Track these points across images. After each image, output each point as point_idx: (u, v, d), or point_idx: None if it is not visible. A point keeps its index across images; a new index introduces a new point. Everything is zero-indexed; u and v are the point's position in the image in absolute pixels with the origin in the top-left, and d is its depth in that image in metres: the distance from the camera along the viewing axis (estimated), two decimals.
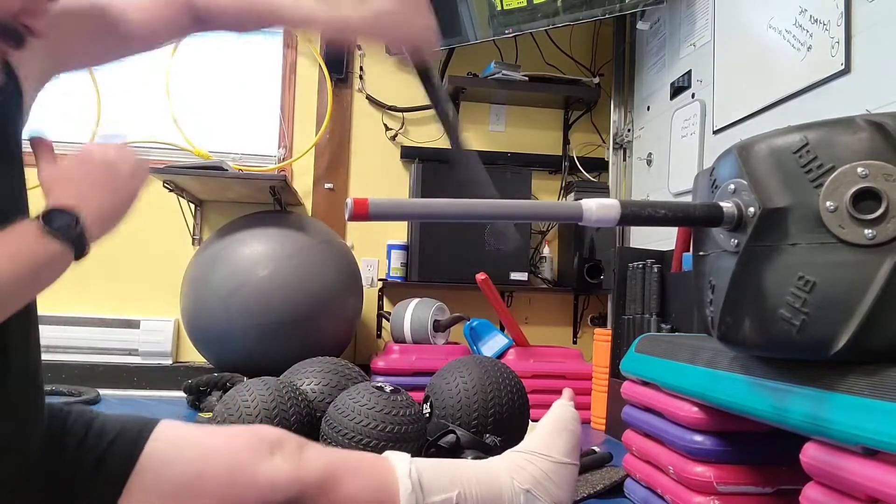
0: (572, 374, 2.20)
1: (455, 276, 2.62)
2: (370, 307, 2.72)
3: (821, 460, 0.74)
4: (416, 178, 2.69)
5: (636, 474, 1.24)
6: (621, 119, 2.89)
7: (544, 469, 0.96)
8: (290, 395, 1.38)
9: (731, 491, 1.00)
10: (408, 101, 2.94)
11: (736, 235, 0.77)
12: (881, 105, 1.45)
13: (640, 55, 2.81)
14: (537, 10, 2.53)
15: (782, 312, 0.73)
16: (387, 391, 1.35)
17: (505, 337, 2.34)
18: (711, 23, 2.20)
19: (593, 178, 2.99)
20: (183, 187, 2.59)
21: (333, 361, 1.60)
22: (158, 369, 2.58)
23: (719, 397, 0.95)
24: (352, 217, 0.65)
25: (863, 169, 0.69)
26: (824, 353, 0.71)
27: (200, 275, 2.31)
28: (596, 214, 0.71)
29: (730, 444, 1.01)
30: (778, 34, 1.82)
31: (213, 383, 2.07)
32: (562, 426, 1.03)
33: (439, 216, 0.70)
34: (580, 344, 2.94)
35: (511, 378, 1.55)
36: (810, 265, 0.71)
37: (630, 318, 1.95)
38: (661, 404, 1.13)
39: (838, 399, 0.72)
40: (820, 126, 0.73)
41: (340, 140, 2.89)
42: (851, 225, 0.69)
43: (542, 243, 2.95)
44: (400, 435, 1.29)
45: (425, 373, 2.02)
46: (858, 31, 1.54)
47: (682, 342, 1.16)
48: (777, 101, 1.81)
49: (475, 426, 1.45)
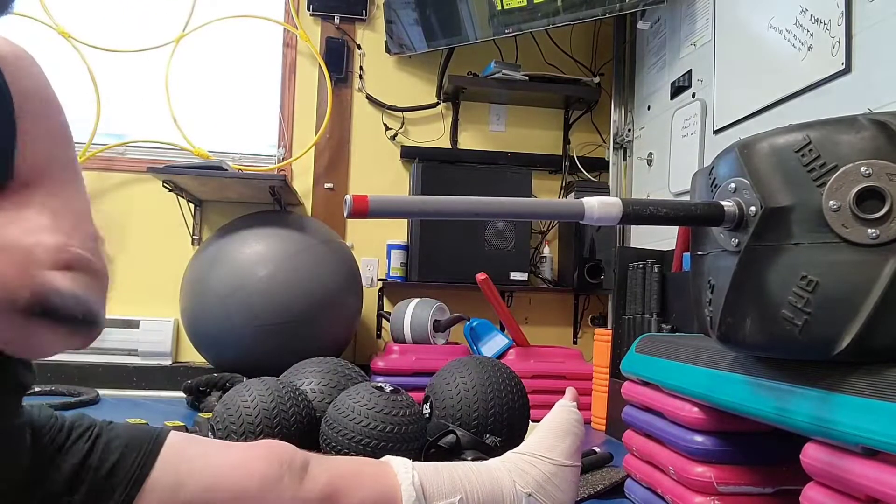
0: (572, 374, 2.20)
1: (455, 276, 2.62)
2: (370, 307, 2.72)
3: (821, 460, 0.74)
4: (416, 177, 2.69)
5: (636, 474, 1.24)
6: (622, 119, 2.88)
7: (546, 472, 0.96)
8: (289, 395, 1.38)
9: (732, 491, 1.00)
10: (408, 101, 2.93)
11: (737, 235, 0.76)
12: (882, 105, 1.45)
13: (641, 55, 2.81)
14: (537, 9, 2.53)
15: (784, 312, 0.72)
16: (387, 391, 1.35)
17: (505, 337, 2.34)
18: (712, 22, 2.20)
19: (594, 177, 2.99)
20: (183, 187, 2.58)
21: (333, 361, 1.60)
22: (158, 369, 2.58)
23: (720, 398, 0.95)
24: (351, 214, 0.64)
25: (866, 168, 0.68)
26: (827, 353, 0.71)
27: (200, 275, 2.31)
28: (597, 213, 0.71)
29: (730, 445, 1.01)
30: (778, 34, 1.81)
31: (213, 383, 2.06)
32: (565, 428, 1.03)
33: (439, 214, 0.70)
34: (580, 344, 2.94)
35: (511, 378, 1.54)
36: (813, 265, 0.70)
37: (630, 318, 1.95)
38: (662, 404, 1.13)
39: (839, 399, 0.71)
40: (822, 125, 0.73)
41: (340, 140, 2.88)
42: (855, 224, 0.68)
43: (543, 243, 2.95)
44: (400, 435, 1.29)
45: (425, 373, 2.02)
46: (859, 31, 1.54)
47: (682, 342, 1.16)
48: (778, 100, 1.80)
49: (475, 426, 1.44)
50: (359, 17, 2.90)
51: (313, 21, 2.89)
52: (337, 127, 2.88)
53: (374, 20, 2.92)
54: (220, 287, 2.21)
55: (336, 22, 2.88)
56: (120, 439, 0.76)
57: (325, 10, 2.87)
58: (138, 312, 2.67)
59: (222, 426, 1.33)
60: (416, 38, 2.76)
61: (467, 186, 2.68)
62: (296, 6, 2.85)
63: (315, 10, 2.87)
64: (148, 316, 2.67)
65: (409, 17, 2.74)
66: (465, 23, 2.64)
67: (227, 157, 2.75)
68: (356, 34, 2.92)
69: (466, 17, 2.63)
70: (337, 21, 2.88)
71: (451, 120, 2.96)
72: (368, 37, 2.92)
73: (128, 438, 0.76)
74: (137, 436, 0.77)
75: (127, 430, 0.78)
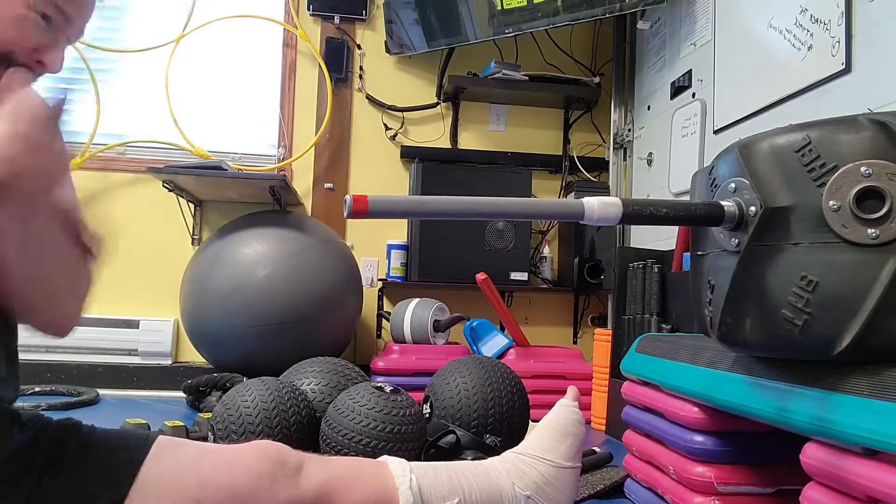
0: (572, 374, 2.20)
1: (455, 276, 2.62)
2: (370, 307, 2.72)
3: (821, 460, 0.74)
4: (416, 177, 2.69)
5: (636, 474, 1.24)
6: (621, 119, 2.88)
7: (546, 474, 0.96)
8: (289, 395, 1.37)
9: (732, 491, 1.00)
10: (408, 101, 2.93)
11: (737, 235, 0.76)
12: (882, 105, 1.44)
13: (641, 55, 2.81)
14: (537, 9, 2.53)
15: (784, 312, 0.72)
16: (387, 391, 1.35)
17: (505, 337, 2.34)
18: (712, 22, 2.20)
19: (593, 177, 2.99)
20: (182, 187, 2.58)
21: (333, 361, 1.59)
22: (158, 369, 2.58)
23: (720, 398, 0.95)
24: (351, 214, 0.64)
25: (866, 168, 0.68)
26: (827, 353, 0.71)
27: (200, 275, 2.31)
28: (598, 213, 0.71)
29: (730, 445, 1.01)
30: (778, 34, 1.81)
31: (213, 383, 2.06)
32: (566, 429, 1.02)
33: (439, 214, 0.70)
34: (580, 344, 2.94)
35: (511, 378, 1.54)
36: (813, 265, 0.70)
37: (630, 318, 1.95)
38: (662, 404, 1.13)
39: (839, 399, 0.71)
40: (822, 125, 0.73)
41: (340, 140, 2.88)
42: (855, 224, 0.68)
43: (543, 243, 2.95)
44: (400, 435, 1.29)
45: (425, 373, 2.02)
46: (859, 31, 1.54)
47: (682, 342, 1.16)
48: (778, 100, 1.80)
49: (475, 426, 1.44)
50: (359, 17, 2.90)
51: (313, 21, 2.89)
52: (337, 127, 2.88)
53: (374, 20, 2.92)
54: (220, 287, 2.21)
55: (336, 22, 2.88)
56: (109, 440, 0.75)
57: (325, 10, 2.87)
58: (138, 312, 2.67)
59: (222, 426, 1.33)
60: (416, 38, 2.76)
61: (467, 186, 2.68)
62: (296, 6, 2.85)
63: (315, 10, 2.87)
64: (148, 316, 2.67)
65: (409, 17, 2.74)
66: (465, 23, 2.64)
67: (227, 157, 2.75)
68: (356, 34, 2.92)
69: (466, 17, 2.63)
70: (337, 21, 2.88)
71: (451, 120, 2.96)
72: (368, 37, 2.92)
73: (118, 439, 0.76)
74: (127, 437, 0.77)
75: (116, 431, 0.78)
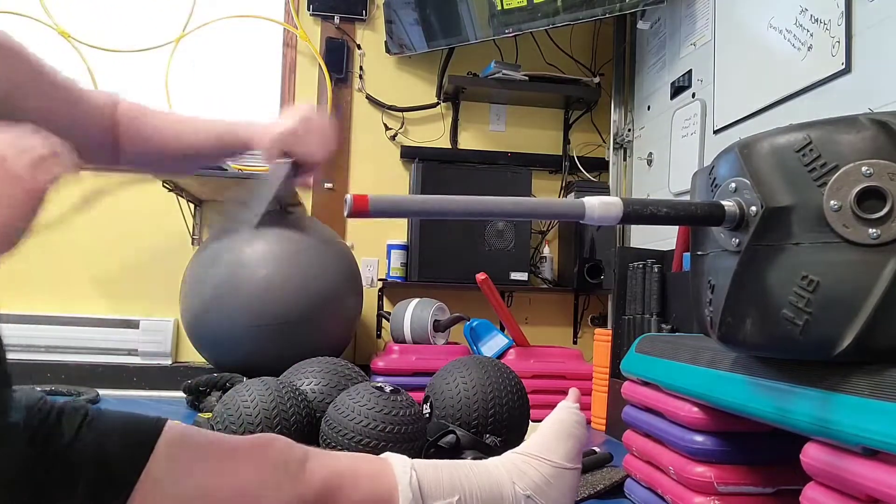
0: (572, 374, 2.20)
1: (455, 276, 2.62)
2: (370, 307, 2.72)
3: (821, 460, 0.74)
4: (416, 177, 2.69)
5: (636, 474, 1.24)
6: (621, 119, 2.88)
7: (546, 474, 0.96)
8: (289, 395, 1.37)
9: (732, 491, 1.00)
10: (408, 101, 2.93)
11: (737, 234, 0.76)
12: (882, 105, 1.45)
13: (641, 55, 2.81)
14: (537, 9, 2.53)
15: (785, 312, 0.72)
16: (387, 391, 1.35)
17: (505, 337, 2.34)
18: (712, 22, 2.20)
19: (593, 177, 2.99)
20: (182, 187, 2.58)
21: (333, 361, 1.59)
22: (158, 369, 2.58)
23: (720, 398, 0.95)
24: (351, 214, 0.64)
25: (867, 168, 0.68)
26: (828, 353, 0.71)
27: (200, 275, 2.30)
28: (598, 212, 0.70)
29: (730, 445, 1.01)
30: (778, 34, 1.81)
31: (213, 383, 2.06)
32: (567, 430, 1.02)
33: (439, 214, 0.70)
34: (580, 344, 2.94)
35: (511, 378, 1.54)
36: (814, 265, 0.70)
37: (630, 318, 1.95)
38: (662, 404, 1.13)
39: (839, 399, 0.71)
40: (823, 124, 0.72)
41: (340, 140, 2.88)
42: (856, 224, 0.68)
43: (543, 243, 2.95)
44: (400, 435, 1.29)
45: (425, 373, 2.02)
46: (859, 31, 1.54)
47: (682, 342, 1.16)
48: (778, 100, 1.80)
49: (475, 426, 1.44)
50: (359, 17, 2.90)
51: (313, 21, 2.89)
52: (337, 127, 2.87)
53: (374, 20, 2.92)
54: (221, 287, 2.21)
55: (336, 22, 2.89)
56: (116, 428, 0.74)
57: (325, 10, 2.87)
58: (138, 312, 2.67)
59: (222, 426, 1.33)
60: (416, 38, 2.76)
61: (467, 186, 2.68)
62: (296, 6, 2.85)
63: (315, 10, 2.87)
64: (148, 316, 2.67)
65: (409, 17, 2.74)
66: (465, 23, 2.64)
67: None
68: (356, 34, 2.92)
69: (466, 17, 2.63)
70: (337, 21, 2.88)
71: (451, 120, 2.96)
72: (368, 37, 2.92)
73: (124, 427, 0.75)
74: (134, 425, 0.76)
75: (122, 417, 0.77)
